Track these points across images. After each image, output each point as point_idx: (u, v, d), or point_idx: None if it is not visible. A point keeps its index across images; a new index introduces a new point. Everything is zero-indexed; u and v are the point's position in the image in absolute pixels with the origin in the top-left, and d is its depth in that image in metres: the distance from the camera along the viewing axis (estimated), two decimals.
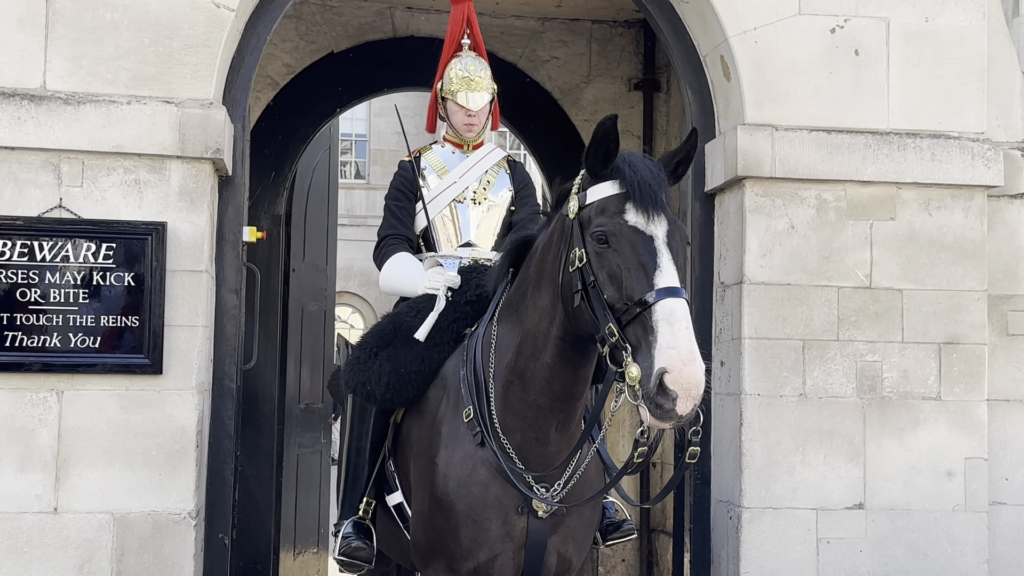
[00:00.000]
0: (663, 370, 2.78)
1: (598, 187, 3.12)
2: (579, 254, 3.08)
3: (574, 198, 3.18)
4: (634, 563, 7.89)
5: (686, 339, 2.83)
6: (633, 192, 3.03)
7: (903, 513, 5.12)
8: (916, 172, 5.17)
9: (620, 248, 3.00)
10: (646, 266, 2.95)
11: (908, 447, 5.15)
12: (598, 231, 3.03)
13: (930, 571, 5.08)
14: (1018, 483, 5.34)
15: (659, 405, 2.80)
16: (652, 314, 2.86)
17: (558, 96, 8.03)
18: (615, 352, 2.93)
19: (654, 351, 2.82)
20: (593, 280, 3.03)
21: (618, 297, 2.96)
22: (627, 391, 2.90)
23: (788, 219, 5.16)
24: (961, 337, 5.20)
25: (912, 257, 5.21)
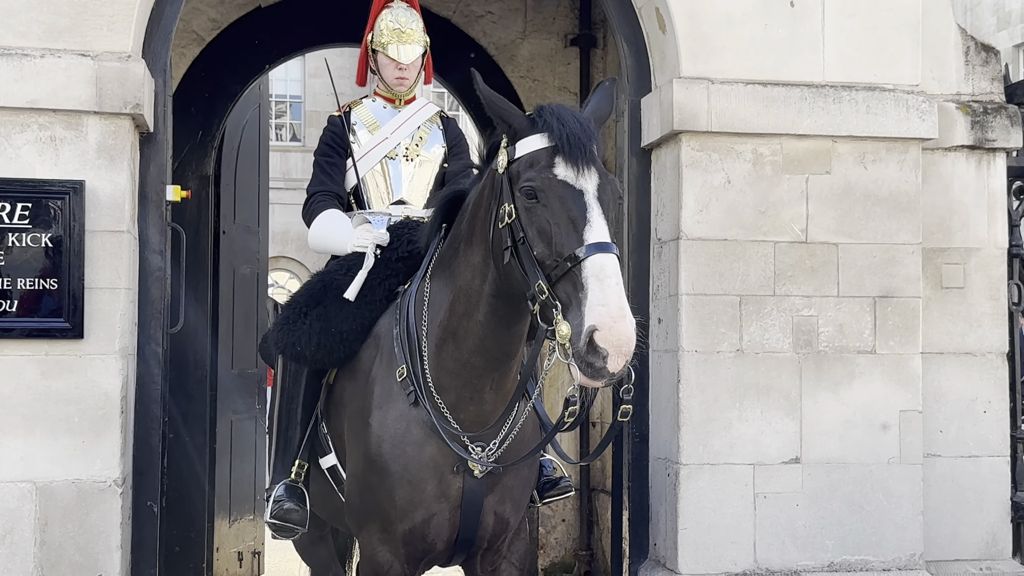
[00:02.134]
0: (593, 327, 2.74)
1: (527, 140, 3.06)
2: (508, 209, 3.02)
3: (503, 152, 3.11)
4: (574, 523, 7.89)
5: (616, 295, 2.79)
6: (562, 145, 2.98)
7: (839, 467, 5.15)
8: (851, 125, 5.16)
9: (549, 203, 2.94)
10: (576, 221, 2.90)
11: (844, 401, 5.17)
12: (527, 186, 2.97)
13: (865, 524, 5.13)
14: (952, 435, 5.39)
15: (590, 363, 2.76)
16: (582, 270, 2.82)
17: (493, 52, 7.90)
18: (545, 310, 2.89)
19: (584, 308, 2.78)
20: (523, 236, 2.98)
21: (548, 253, 2.92)
22: (557, 349, 2.85)
23: (725, 174, 5.13)
24: (896, 291, 5.22)
25: (847, 211, 5.21)
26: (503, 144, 3.14)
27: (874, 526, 5.13)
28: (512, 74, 7.92)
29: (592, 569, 7.74)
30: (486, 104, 3.15)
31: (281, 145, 26.41)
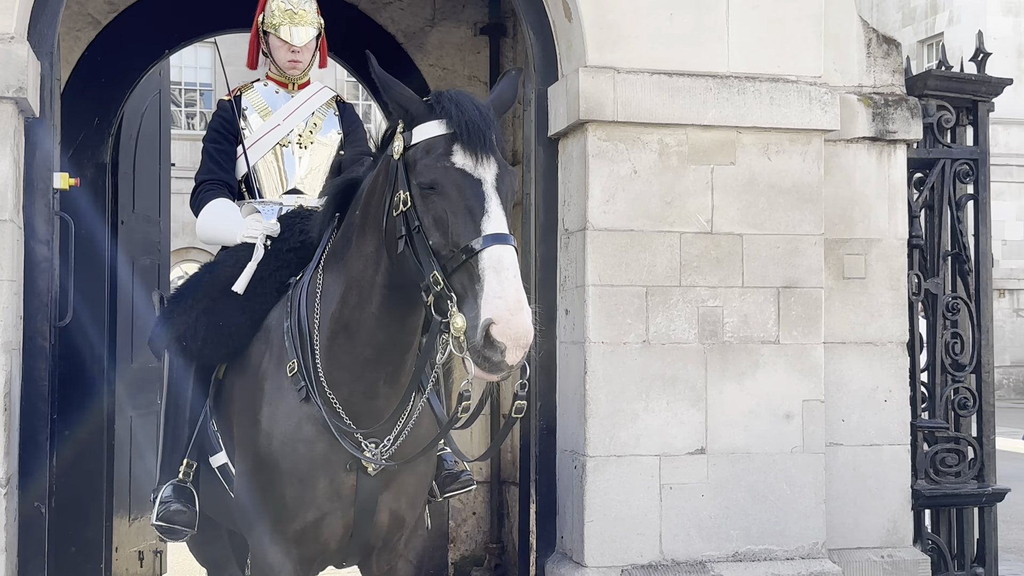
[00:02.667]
0: (490, 321, 2.69)
1: (424, 126, 2.98)
2: (404, 197, 2.94)
3: (399, 138, 3.03)
4: (485, 515, 7.84)
5: (513, 287, 2.74)
6: (460, 133, 2.91)
7: (743, 456, 5.17)
8: (755, 116, 5.17)
9: (446, 192, 2.88)
10: (473, 211, 2.84)
11: (748, 391, 5.19)
12: (423, 173, 2.90)
13: (769, 513, 5.15)
14: (854, 424, 5.44)
15: (486, 357, 2.72)
16: (478, 261, 2.76)
17: (402, 40, 7.77)
18: (440, 301, 2.83)
19: (480, 300, 2.73)
20: (418, 225, 2.90)
21: (443, 243, 2.85)
22: (452, 342, 2.79)
23: (631, 164, 5.11)
24: (799, 281, 5.25)
25: (752, 202, 5.22)
26: (399, 130, 3.05)
27: (778, 515, 5.16)
28: (421, 62, 7.81)
29: (503, 562, 7.70)
30: (382, 87, 3.05)
31: (192, 134, 25.84)
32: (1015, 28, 26.03)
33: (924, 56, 26.09)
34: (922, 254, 5.72)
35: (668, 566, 5.06)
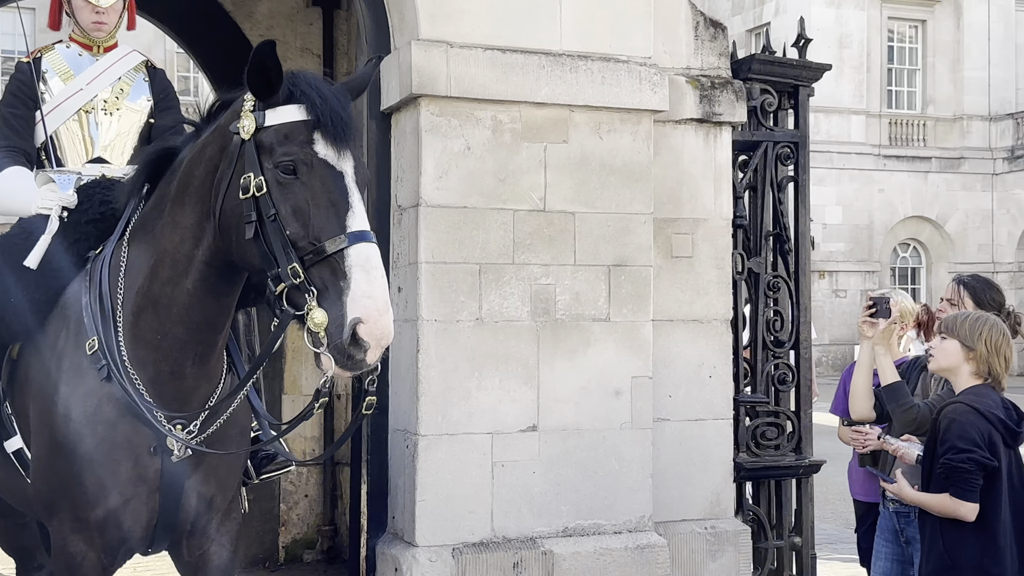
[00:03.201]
0: (358, 320, 2.68)
1: (281, 110, 2.89)
2: (258, 182, 2.83)
3: (249, 116, 2.91)
4: (318, 498, 7.71)
5: (382, 288, 2.74)
6: (324, 122, 2.84)
7: (574, 433, 5.22)
8: (587, 95, 5.20)
9: (309, 182, 2.81)
10: (337, 205, 2.80)
11: (579, 368, 5.24)
12: (285, 160, 2.82)
13: (599, 488, 5.22)
14: (680, 400, 5.55)
15: (350, 356, 2.70)
16: (345, 259, 2.74)
17: (230, 8, 7.51)
18: (295, 294, 2.77)
19: (346, 298, 2.70)
20: (274, 213, 2.81)
21: (303, 235, 2.79)
22: (308, 337, 2.75)
23: (464, 140, 5.07)
24: (629, 259, 5.32)
25: (584, 180, 5.26)
26: (249, 108, 2.93)
27: (607, 490, 5.24)
28: (251, 32, 7.57)
29: (336, 544, 7.60)
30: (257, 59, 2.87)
31: None
32: (836, 19, 27.22)
33: (751, 44, 26.99)
34: (746, 234, 5.87)
35: (499, 543, 5.07)
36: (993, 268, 27.43)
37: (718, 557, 5.50)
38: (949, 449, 3.75)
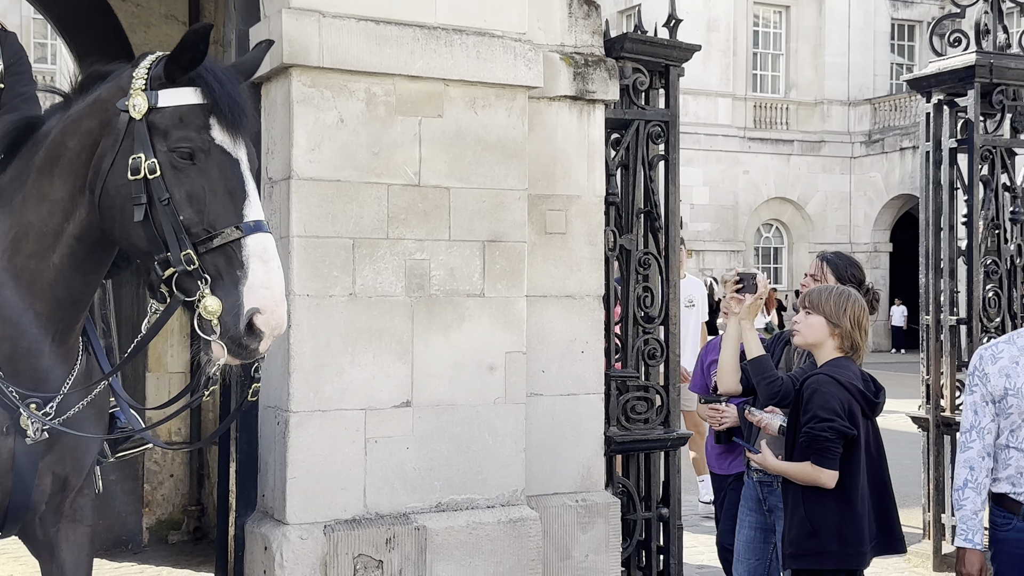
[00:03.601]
0: (255, 310, 2.69)
1: (176, 92, 2.82)
2: (150, 164, 2.77)
3: (141, 95, 2.82)
4: (184, 477, 7.55)
5: (279, 278, 2.75)
6: (222, 107, 2.80)
7: (448, 408, 5.21)
8: (463, 70, 5.16)
9: (206, 168, 2.77)
10: (234, 193, 2.78)
11: (454, 344, 5.23)
12: (182, 145, 2.77)
13: (472, 463, 5.23)
14: (553, 375, 5.59)
15: (244, 345, 2.72)
16: (242, 248, 2.73)
17: None
18: (186, 280, 2.74)
19: (242, 287, 2.71)
20: (167, 198, 2.76)
21: (197, 221, 2.76)
22: (199, 323, 2.73)
23: (338, 112, 4.99)
24: (504, 235, 5.33)
25: (459, 155, 5.23)
26: (140, 86, 2.84)
27: (480, 465, 5.25)
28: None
29: (203, 524, 7.46)
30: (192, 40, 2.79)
31: None
32: (705, 3, 27.71)
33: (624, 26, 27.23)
34: (618, 211, 5.94)
35: (372, 519, 5.04)
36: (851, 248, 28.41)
37: (589, 529, 5.58)
38: (811, 419, 3.87)
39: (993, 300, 7.01)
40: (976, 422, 3.81)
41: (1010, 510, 3.79)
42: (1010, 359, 3.75)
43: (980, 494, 3.80)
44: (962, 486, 3.81)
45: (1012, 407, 3.73)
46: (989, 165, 7.02)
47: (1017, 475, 3.76)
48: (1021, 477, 3.76)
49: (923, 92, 7.26)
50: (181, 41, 2.82)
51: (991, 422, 3.80)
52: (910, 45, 30.82)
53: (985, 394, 3.79)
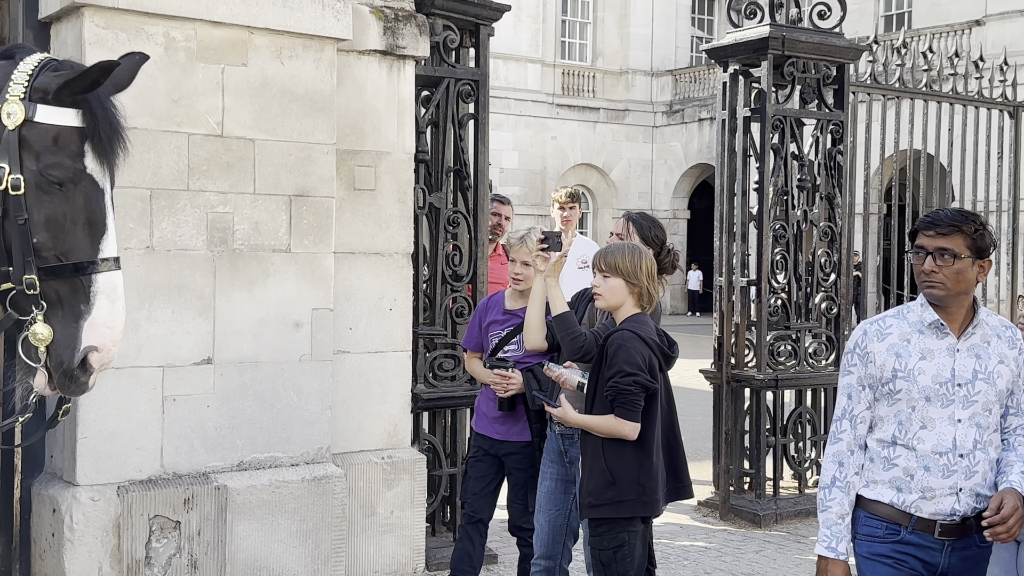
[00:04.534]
0: (93, 348, 2.64)
1: (57, 111, 2.65)
2: (14, 179, 2.60)
3: (18, 103, 2.63)
4: None
5: (122, 319, 2.72)
6: (100, 135, 2.70)
7: (252, 366, 5.05)
8: (268, 18, 4.96)
9: (72, 196, 2.66)
10: (95, 226, 2.69)
11: (259, 300, 5.07)
12: (54, 171, 2.62)
13: (276, 422, 5.09)
14: (361, 332, 5.51)
15: (74, 378, 2.68)
16: (92, 284, 2.66)
17: None
18: (21, 299, 2.63)
19: (83, 322, 2.64)
20: (25, 218, 2.61)
21: (51, 247, 2.64)
22: (24, 349, 2.65)
23: None
24: (311, 190, 5.18)
25: (264, 106, 5.04)
26: (19, 93, 2.64)
27: (284, 423, 5.12)
28: None
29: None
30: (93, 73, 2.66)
31: None
32: None
33: None
34: (428, 169, 5.89)
35: (169, 479, 4.85)
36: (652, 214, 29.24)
37: (394, 486, 5.54)
38: (616, 373, 3.92)
39: (780, 263, 7.32)
40: (849, 408, 3.15)
41: (894, 520, 3.05)
42: (900, 336, 3.07)
43: (848, 494, 3.10)
44: (829, 484, 3.13)
45: (901, 392, 3.03)
46: (780, 134, 7.30)
47: (905, 477, 3.03)
48: (911, 480, 3.02)
49: (720, 62, 7.47)
50: (86, 71, 2.66)
51: (866, 409, 3.11)
52: (710, 19, 31.80)
53: (863, 376, 3.12)
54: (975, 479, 3.01)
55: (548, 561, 4.57)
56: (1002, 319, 3.15)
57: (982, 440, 3.03)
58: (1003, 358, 3.08)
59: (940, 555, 3.01)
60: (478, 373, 4.98)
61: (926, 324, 3.07)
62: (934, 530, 3.00)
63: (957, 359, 3.04)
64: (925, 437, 3.01)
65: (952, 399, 3.02)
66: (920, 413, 3.02)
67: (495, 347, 4.87)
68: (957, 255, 2.97)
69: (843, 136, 7.52)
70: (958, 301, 3.04)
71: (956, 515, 3.00)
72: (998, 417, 3.10)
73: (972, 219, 3.04)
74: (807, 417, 7.52)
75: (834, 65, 7.44)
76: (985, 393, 3.04)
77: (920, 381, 3.02)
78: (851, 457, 3.13)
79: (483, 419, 4.94)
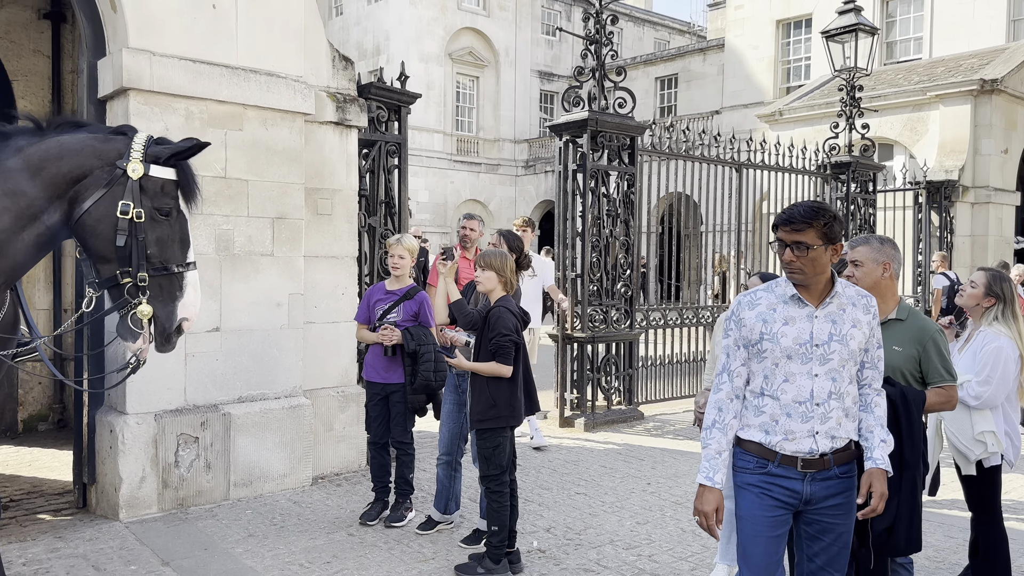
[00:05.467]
0: (185, 318, 2.82)
1: (162, 169, 2.81)
2: (137, 212, 2.71)
3: (139, 163, 2.73)
4: (49, 384, 6.69)
5: (199, 300, 2.88)
6: (187, 187, 2.83)
7: (247, 332, 4.92)
8: (257, 98, 4.84)
9: (172, 224, 2.79)
10: (184, 243, 2.84)
11: (252, 288, 4.94)
12: (164, 207, 2.76)
13: (264, 369, 4.98)
14: (323, 309, 5.42)
15: (168, 339, 2.80)
16: (183, 279, 2.81)
17: None
18: (134, 289, 2.73)
19: (178, 303, 2.79)
20: (144, 237, 2.71)
21: (158, 256, 2.76)
22: (132, 320, 2.75)
23: (164, 123, 4.53)
24: (288, 214, 5.06)
25: (255, 158, 4.91)
26: (139, 157, 2.74)
27: (271, 370, 5.01)
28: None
29: (64, 417, 6.65)
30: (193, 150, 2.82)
31: None
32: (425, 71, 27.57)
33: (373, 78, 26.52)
34: (368, 201, 5.82)
35: (190, 409, 4.69)
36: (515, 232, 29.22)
37: (345, 410, 5.47)
38: (497, 334, 3.88)
39: (596, 264, 7.44)
40: (728, 364, 2.56)
41: (763, 456, 2.48)
42: (768, 305, 2.52)
43: (726, 434, 2.51)
44: (710, 426, 2.54)
45: (767, 352, 2.49)
46: (595, 181, 7.41)
47: (772, 422, 2.47)
48: (776, 425, 2.47)
49: (557, 134, 7.53)
50: (187, 149, 2.78)
51: (741, 365, 2.53)
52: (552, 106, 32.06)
53: (739, 338, 2.54)
54: (829, 423, 2.45)
55: (449, 456, 4.53)
56: (858, 289, 2.56)
57: (837, 391, 2.46)
58: (856, 323, 2.49)
59: (802, 484, 2.44)
60: (365, 336, 4.57)
61: (788, 297, 2.49)
62: (796, 464, 2.44)
63: (815, 324, 2.46)
64: (788, 389, 2.45)
65: (811, 357, 2.45)
66: (783, 369, 2.46)
67: (381, 315, 4.53)
68: (810, 246, 2.39)
69: (635, 183, 7.68)
70: (817, 280, 2.46)
71: (814, 452, 2.43)
72: (853, 371, 2.50)
73: (821, 213, 2.41)
74: (613, 361, 7.65)
75: (628, 137, 7.58)
76: (839, 352, 2.45)
77: (782, 342, 2.46)
78: (730, 404, 2.52)
79: (371, 370, 4.55)
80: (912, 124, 12.86)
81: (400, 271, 4.55)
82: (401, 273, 4.56)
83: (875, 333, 2.53)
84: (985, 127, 12.15)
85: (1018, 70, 12.54)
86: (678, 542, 4.32)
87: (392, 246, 4.61)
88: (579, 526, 4.56)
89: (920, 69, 14.29)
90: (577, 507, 4.91)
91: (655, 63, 27.68)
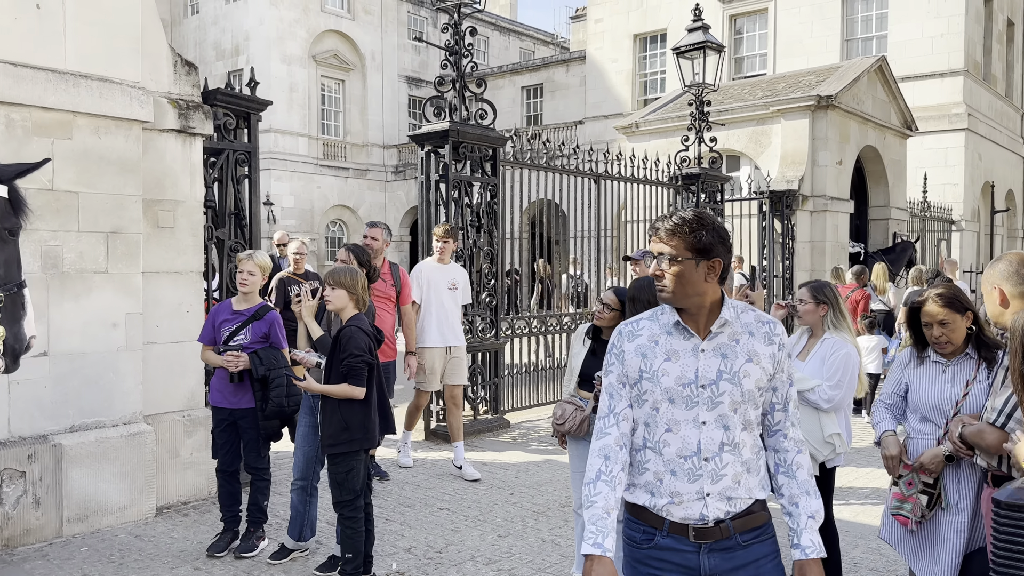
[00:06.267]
0: (33, 335, 2.92)
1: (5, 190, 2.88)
2: None
3: None
4: None
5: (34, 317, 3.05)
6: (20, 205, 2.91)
7: (80, 356, 4.64)
8: (88, 105, 4.58)
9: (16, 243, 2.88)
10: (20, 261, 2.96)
11: (84, 308, 4.66)
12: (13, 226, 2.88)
13: (100, 395, 4.70)
14: (165, 328, 5.18)
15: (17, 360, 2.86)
16: (23, 297, 2.87)
17: None
18: None
19: (23, 322, 2.84)
20: None
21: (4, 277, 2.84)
22: None
23: None
24: (124, 228, 4.82)
25: (87, 168, 4.64)
26: None
27: (107, 396, 4.74)
28: None
29: None
30: None
31: None
32: (288, 72, 26.81)
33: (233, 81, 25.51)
34: (215, 212, 5.62)
35: (15, 441, 4.37)
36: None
37: (193, 435, 5.26)
38: (349, 355, 3.79)
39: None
40: (612, 406, 2.06)
41: (651, 524, 2.00)
42: (649, 337, 2.04)
43: (615, 489, 1.99)
44: (594, 479, 2.01)
45: (647, 394, 2.01)
46: (458, 191, 7.50)
47: (656, 482, 2.00)
48: (660, 484, 1.99)
49: (420, 144, 7.56)
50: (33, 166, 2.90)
51: (628, 407, 2.05)
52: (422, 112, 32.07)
53: (621, 375, 2.06)
54: (723, 482, 1.96)
55: (303, 481, 4.40)
56: (759, 314, 2.05)
57: (730, 442, 1.97)
58: (752, 355, 2.00)
59: (698, 557, 1.94)
60: (210, 359, 4.35)
61: (671, 325, 2.02)
62: (688, 533, 1.95)
63: (701, 359, 1.98)
64: (670, 440, 1.98)
65: (696, 400, 1.97)
66: (665, 415, 1.98)
67: (227, 337, 4.32)
68: (675, 258, 1.96)
69: (497, 193, 7.82)
70: (693, 303, 1.99)
71: (706, 520, 1.95)
72: (752, 416, 2.00)
73: (691, 221, 1.98)
74: (479, 371, 7.75)
75: (490, 148, 7.71)
76: (730, 393, 1.97)
77: (663, 382, 1.99)
78: (619, 452, 2.02)
79: (218, 395, 4.36)
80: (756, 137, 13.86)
81: (249, 288, 4.36)
82: (250, 291, 4.37)
83: (782, 367, 2.04)
84: (822, 140, 13.29)
85: (850, 87, 13.79)
86: (538, 553, 4.46)
87: (242, 261, 4.40)
88: (440, 543, 4.61)
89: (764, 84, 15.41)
90: (440, 523, 4.95)
91: (521, 72, 28.28)
